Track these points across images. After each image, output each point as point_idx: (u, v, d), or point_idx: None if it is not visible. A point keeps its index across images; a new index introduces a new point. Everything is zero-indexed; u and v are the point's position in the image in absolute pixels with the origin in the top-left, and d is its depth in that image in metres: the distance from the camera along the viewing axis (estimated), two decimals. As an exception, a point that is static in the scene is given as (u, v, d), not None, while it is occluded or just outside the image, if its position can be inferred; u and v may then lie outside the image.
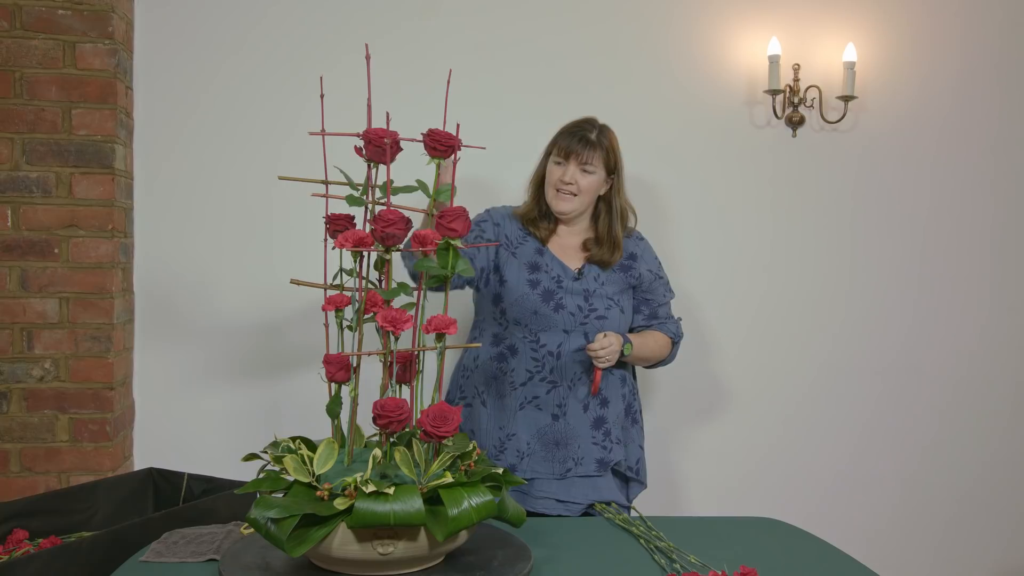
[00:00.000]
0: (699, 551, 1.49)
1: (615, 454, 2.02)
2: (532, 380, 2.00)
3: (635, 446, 2.11)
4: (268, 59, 2.52)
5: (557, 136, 2.06)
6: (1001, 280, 2.80)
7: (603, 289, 2.04)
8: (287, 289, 1.67)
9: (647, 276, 2.11)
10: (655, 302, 2.13)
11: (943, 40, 2.73)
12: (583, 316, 2.00)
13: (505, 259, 2.04)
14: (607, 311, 2.02)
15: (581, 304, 2.01)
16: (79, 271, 2.30)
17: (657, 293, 2.13)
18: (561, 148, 2.02)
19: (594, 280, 2.04)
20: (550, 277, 2.02)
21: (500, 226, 2.08)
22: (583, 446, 2.00)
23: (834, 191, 2.73)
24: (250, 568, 1.33)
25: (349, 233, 1.32)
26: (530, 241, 2.07)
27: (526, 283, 2.01)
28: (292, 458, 1.29)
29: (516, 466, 1.99)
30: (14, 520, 1.75)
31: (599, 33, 2.63)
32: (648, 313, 2.13)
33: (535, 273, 2.02)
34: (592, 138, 2.01)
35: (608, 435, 2.03)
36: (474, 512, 1.23)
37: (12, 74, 2.25)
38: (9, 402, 2.29)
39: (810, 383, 2.75)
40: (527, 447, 2.00)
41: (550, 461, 1.99)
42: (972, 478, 2.81)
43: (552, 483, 1.99)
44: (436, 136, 1.35)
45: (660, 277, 2.15)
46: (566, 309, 2.00)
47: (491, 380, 2.04)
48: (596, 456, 2.00)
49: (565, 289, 2.01)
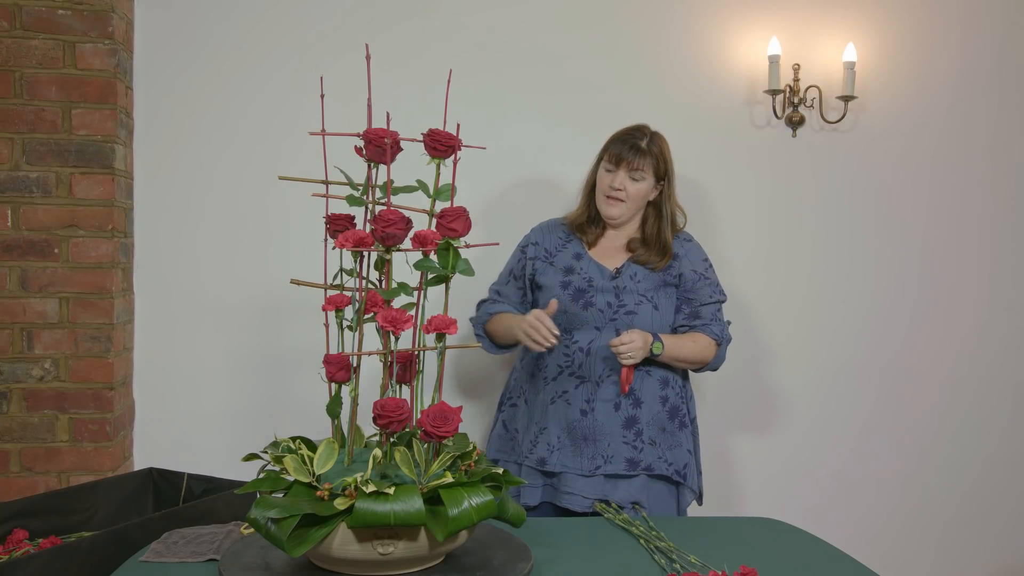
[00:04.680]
0: (699, 551, 1.49)
1: (647, 455, 2.00)
2: (562, 375, 2.04)
3: (681, 450, 2.07)
4: (268, 59, 2.52)
5: (608, 143, 2.09)
6: (1000, 279, 2.80)
7: (636, 286, 2.05)
8: (287, 289, 1.67)
9: (690, 276, 2.09)
10: (697, 302, 2.10)
11: (943, 40, 2.73)
12: (612, 312, 2.02)
13: (542, 269, 2.11)
14: (637, 307, 2.03)
15: (611, 300, 2.03)
16: (79, 271, 2.30)
17: (701, 293, 2.10)
18: (612, 155, 2.05)
19: (630, 279, 2.05)
20: (583, 278, 2.06)
21: (539, 244, 2.15)
22: (613, 444, 2.00)
23: (834, 191, 2.73)
24: (250, 568, 1.33)
25: (349, 233, 1.32)
26: (571, 247, 2.12)
27: (559, 285, 2.06)
28: (292, 458, 1.29)
29: (547, 459, 2.02)
30: (14, 520, 1.75)
31: (599, 33, 2.63)
32: (689, 312, 2.10)
33: (569, 275, 2.07)
34: (642, 145, 2.04)
35: (640, 435, 2.01)
36: (474, 512, 1.23)
37: (12, 74, 2.25)
38: (9, 402, 2.29)
39: (809, 383, 2.75)
40: (557, 441, 2.02)
41: (579, 456, 2.00)
42: (972, 478, 2.81)
43: (579, 480, 1.99)
44: (436, 136, 1.35)
45: (706, 278, 2.12)
46: (595, 307, 2.02)
47: (530, 377, 2.12)
48: (626, 455, 2.00)
49: (596, 288, 2.04)
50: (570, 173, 2.64)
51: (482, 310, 2.20)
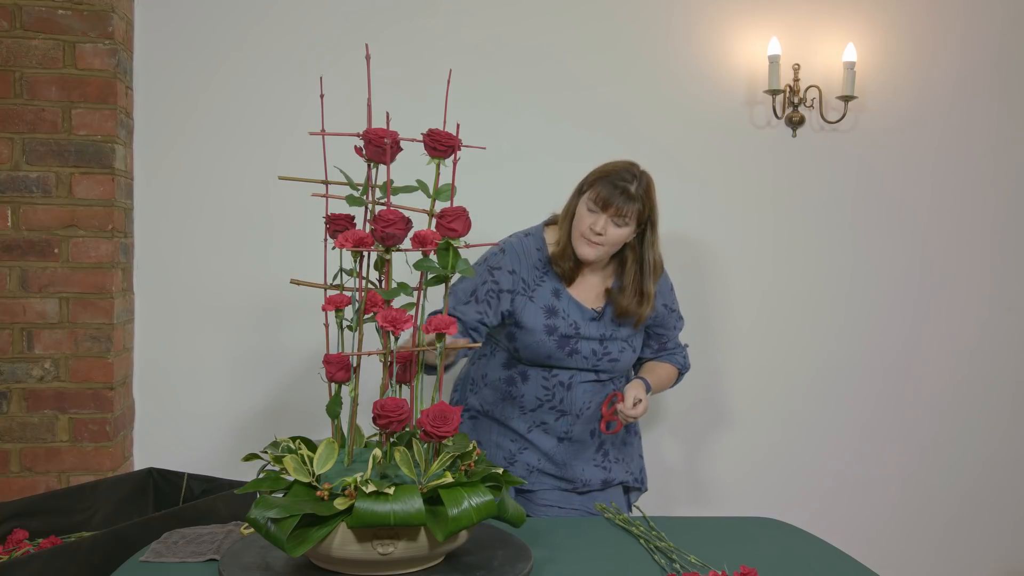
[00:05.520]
0: (699, 551, 1.49)
1: (615, 472, 2.07)
2: (541, 408, 2.01)
3: (636, 456, 2.15)
4: (268, 59, 2.52)
5: (596, 180, 1.90)
6: (1001, 279, 2.80)
7: (619, 332, 2.01)
8: (287, 289, 1.67)
9: (662, 311, 2.07)
10: (666, 337, 2.12)
11: (943, 40, 2.73)
12: (596, 359, 2.00)
13: (522, 304, 1.94)
14: (620, 354, 2.02)
15: (596, 348, 1.99)
16: (79, 271, 2.30)
17: (668, 326, 2.11)
18: (599, 197, 1.87)
19: (611, 322, 2.00)
20: (567, 323, 1.95)
21: (515, 273, 1.95)
22: (587, 469, 2.04)
23: (834, 191, 2.73)
24: (250, 568, 1.33)
25: (349, 233, 1.32)
26: (547, 282, 1.97)
27: (543, 329, 1.93)
28: (292, 458, 1.29)
29: (525, 478, 2.02)
30: (14, 520, 1.75)
31: (599, 33, 2.63)
32: (657, 347, 2.12)
33: (552, 318, 1.94)
34: (632, 191, 1.87)
35: (607, 455, 2.07)
36: (474, 512, 1.23)
37: (12, 74, 2.25)
38: (9, 402, 2.29)
39: (810, 383, 2.75)
40: (537, 462, 2.03)
41: (557, 478, 2.03)
42: (972, 478, 2.81)
43: (556, 493, 2.04)
44: (436, 136, 1.35)
45: (673, 310, 2.11)
46: (580, 354, 1.98)
47: (499, 400, 2.03)
48: (600, 477, 2.05)
49: (581, 335, 1.97)
50: (570, 173, 2.63)
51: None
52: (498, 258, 1.96)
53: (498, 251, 1.98)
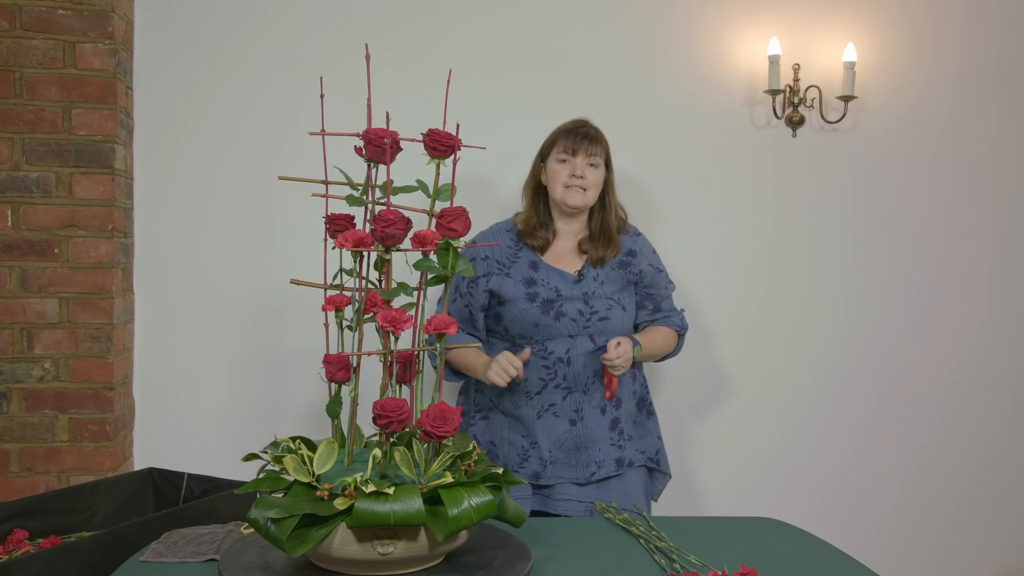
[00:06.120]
0: (699, 551, 1.49)
1: (628, 451, 2.05)
2: (547, 388, 2.01)
3: (653, 437, 2.14)
4: (268, 59, 2.52)
5: (556, 137, 2.08)
6: (1001, 279, 2.80)
7: (602, 289, 2.04)
8: (287, 289, 1.67)
9: (648, 271, 2.11)
10: (658, 296, 2.14)
11: (943, 40, 2.73)
12: (585, 320, 2.01)
13: (499, 281, 2.03)
14: (608, 311, 2.03)
15: (582, 308, 2.01)
16: (79, 271, 2.30)
17: (659, 287, 2.14)
18: (567, 147, 2.03)
19: (594, 280, 2.04)
20: (548, 288, 2.02)
21: (489, 257, 2.06)
22: (603, 448, 2.03)
23: (834, 191, 2.73)
24: (250, 568, 1.33)
25: (349, 233, 1.32)
26: (523, 255, 2.06)
27: (524, 297, 2.01)
28: (292, 458, 1.29)
29: (540, 473, 2.01)
30: (14, 520, 1.75)
31: (599, 33, 2.63)
32: (652, 308, 2.14)
33: (532, 287, 2.02)
34: (592, 133, 2.05)
35: (622, 434, 2.06)
36: (474, 512, 1.23)
37: (12, 74, 2.25)
38: (9, 402, 2.29)
39: (810, 383, 2.75)
40: (549, 455, 2.01)
41: (573, 466, 2.02)
42: (972, 478, 2.81)
43: (573, 487, 2.02)
44: (436, 136, 1.35)
45: (660, 271, 2.16)
46: (567, 316, 2.00)
47: (503, 392, 2.03)
48: (614, 456, 2.03)
49: (564, 296, 2.01)
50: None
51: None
52: (471, 252, 2.09)
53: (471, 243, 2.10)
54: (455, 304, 2.10)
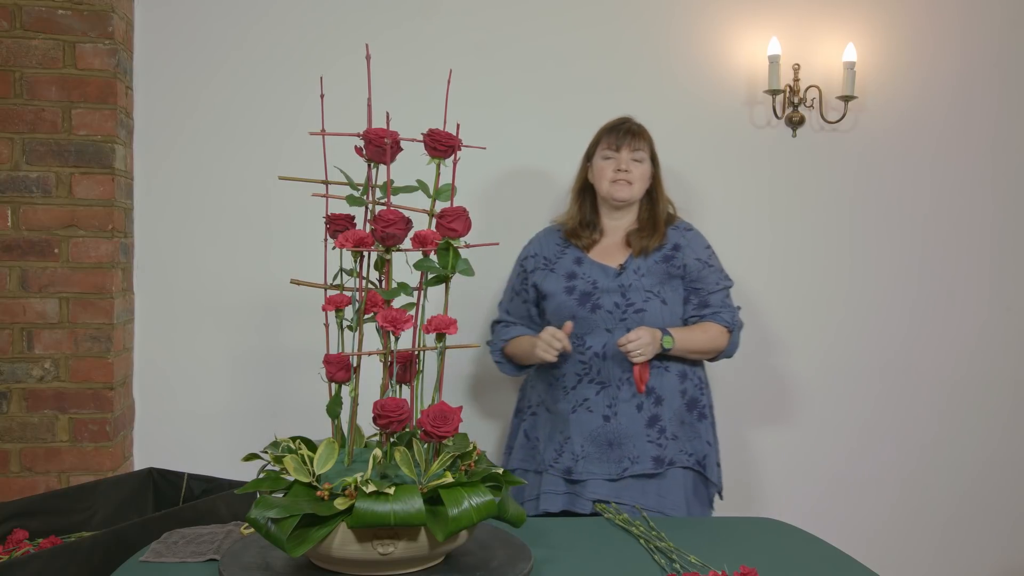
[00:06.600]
0: (699, 551, 1.49)
1: (670, 450, 2.01)
2: (581, 383, 2.03)
3: (701, 441, 2.07)
4: (268, 59, 2.52)
5: (600, 135, 2.14)
6: (1000, 279, 2.80)
7: (641, 282, 2.04)
8: (287, 289, 1.67)
9: (694, 265, 2.09)
10: (704, 291, 2.10)
11: (943, 40, 2.73)
12: (621, 313, 2.01)
13: (543, 276, 2.12)
14: (645, 303, 2.02)
15: (618, 300, 2.02)
16: (79, 271, 2.30)
17: (707, 281, 2.10)
18: (609, 143, 2.10)
19: (634, 273, 2.05)
20: (587, 282, 2.05)
21: (537, 255, 2.16)
22: (638, 445, 2.00)
23: (834, 191, 2.73)
24: (250, 568, 1.33)
25: (349, 233, 1.32)
26: (569, 252, 2.12)
27: (563, 291, 2.06)
28: (292, 458, 1.29)
29: (572, 468, 2.01)
30: (14, 520, 1.75)
31: (600, 33, 2.63)
32: (698, 302, 2.10)
33: (572, 280, 2.07)
34: (636, 129, 2.12)
35: (663, 432, 2.02)
36: (474, 512, 1.23)
37: (12, 74, 2.25)
38: (9, 402, 2.29)
39: (809, 383, 2.75)
40: (581, 449, 2.01)
41: (604, 462, 2.00)
42: (972, 478, 2.81)
43: (605, 485, 1.99)
44: (436, 136, 1.35)
45: (710, 265, 2.12)
46: (603, 308, 2.02)
47: (547, 388, 2.09)
48: (652, 454, 2.00)
49: (601, 289, 2.03)
50: (570, 173, 2.63)
51: (496, 334, 2.22)
52: (525, 250, 2.22)
53: (526, 245, 2.23)
54: (513, 302, 2.21)
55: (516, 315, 2.20)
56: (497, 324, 2.24)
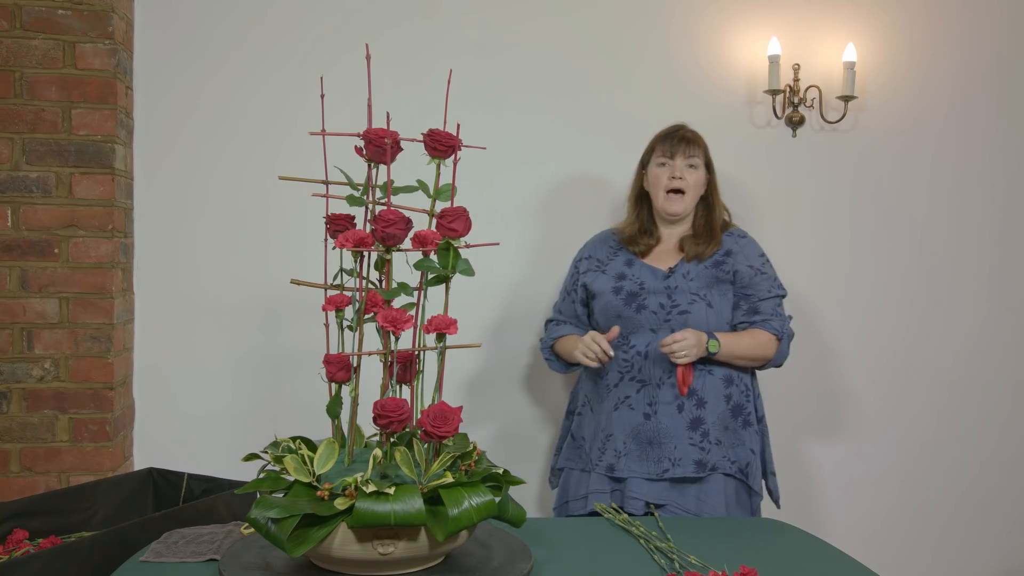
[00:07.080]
0: (699, 551, 1.49)
1: (713, 455, 1.99)
2: (623, 380, 2.03)
3: (745, 448, 2.04)
4: (268, 59, 2.52)
5: (655, 143, 2.14)
6: (1000, 279, 2.80)
7: (688, 285, 2.04)
8: (287, 289, 1.67)
9: (746, 272, 2.07)
10: (755, 297, 2.07)
11: (943, 40, 2.74)
12: (666, 313, 2.02)
13: (593, 277, 2.14)
14: (690, 306, 2.02)
15: (664, 302, 2.03)
16: (79, 271, 2.30)
17: (759, 289, 2.08)
18: (665, 151, 2.10)
19: (683, 277, 2.05)
20: (635, 283, 2.07)
21: (591, 257, 2.19)
22: (679, 446, 1.99)
23: (834, 191, 2.73)
24: (250, 568, 1.33)
25: (349, 233, 1.32)
26: (622, 255, 2.14)
27: (611, 291, 2.08)
28: (292, 458, 1.29)
29: (615, 465, 2.02)
30: (14, 520, 1.75)
31: (600, 33, 2.63)
32: (747, 309, 2.07)
33: (620, 281, 2.08)
34: (690, 136, 2.11)
35: (706, 436, 2.00)
36: (474, 512, 1.23)
37: (12, 74, 2.25)
38: (9, 402, 2.29)
39: (808, 382, 2.75)
40: (623, 446, 2.02)
41: (645, 460, 2.00)
42: (970, 477, 2.81)
43: (645, 485, 1.98)
44: (436, 136, 1.35)
45: (763, 273, 2.09)
46: (648, 309, 2.03)
47: (594, 386, 2.11)
48: (694, 457, 1.98)
49: (648, 290, 2.05)
50: (570, 173, 2.64)
51: (547, 333, 2.25)
52: (580, 252, 2.24)
53: (582, 247, 2.25)
54: (564, 301, 2.24)
55: (566, 314, 2.23)
56: (549, 323, 2.28)
